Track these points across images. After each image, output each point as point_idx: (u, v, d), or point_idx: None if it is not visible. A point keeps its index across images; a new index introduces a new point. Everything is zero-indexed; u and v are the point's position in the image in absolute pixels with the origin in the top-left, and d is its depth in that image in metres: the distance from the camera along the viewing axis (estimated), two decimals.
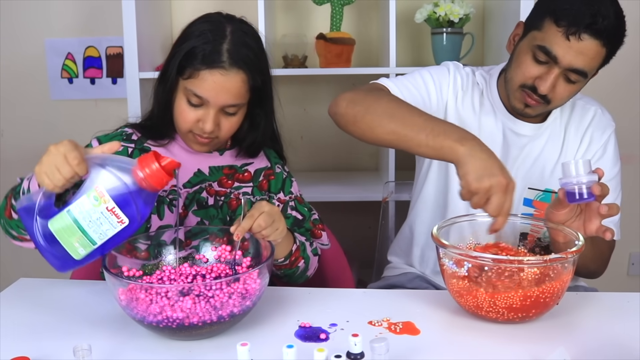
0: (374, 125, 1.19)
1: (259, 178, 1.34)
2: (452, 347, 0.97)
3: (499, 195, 1.03)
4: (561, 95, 1.28)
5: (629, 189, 1.57)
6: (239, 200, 1.29)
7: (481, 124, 1.40)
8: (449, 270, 1.04)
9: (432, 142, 1.11)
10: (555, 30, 1.21)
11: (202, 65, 1.17)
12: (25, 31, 2.46)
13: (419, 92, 1.37)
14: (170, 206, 1.25)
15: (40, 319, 1.03)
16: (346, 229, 1.60)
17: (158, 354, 0.95)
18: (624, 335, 1.00)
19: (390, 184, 2.06)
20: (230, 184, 1.31)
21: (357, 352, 0.83)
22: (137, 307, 0.93)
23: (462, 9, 2.08)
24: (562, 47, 1.21)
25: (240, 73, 1.19)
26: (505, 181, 1.04)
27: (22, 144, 2.53)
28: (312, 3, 2.19)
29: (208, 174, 1.29)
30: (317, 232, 1.37)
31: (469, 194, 1.05)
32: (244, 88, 1.20)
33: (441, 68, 1.45)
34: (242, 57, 1.19)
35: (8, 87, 2.50)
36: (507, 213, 1.05)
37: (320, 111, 2.44)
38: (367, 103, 1.22)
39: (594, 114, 1.41)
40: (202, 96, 1.18)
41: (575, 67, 1.22)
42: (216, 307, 0.93)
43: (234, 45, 1.19)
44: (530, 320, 1.04)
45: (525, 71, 1.27)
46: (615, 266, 2.42)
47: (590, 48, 1.20)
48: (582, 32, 1.19)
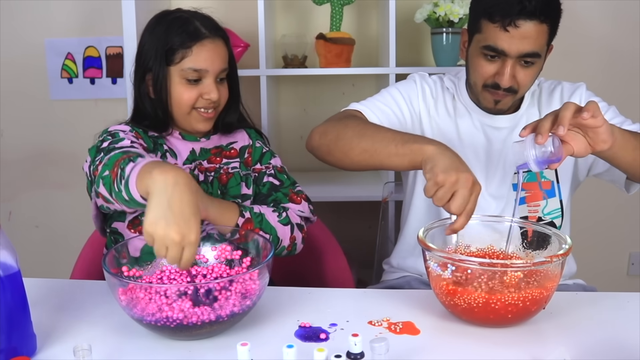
0: (347, 149, 1.23)
1: (244, 155, 1.41)
2: (452, 347, 0.97)
3: (464, 191, 1.03)
4: (524, 80, 1.32)
5: None
6: (229, 174, 1.35)
7: (458, 127, 1.44)
8: (434, 272, 1.04)
9: (402, 149, 1.13)
10: (492, 27, 1.27)
11: (191, 42, 1.28)
12: (25, 31, 2.46)
13: (392, 110, 1.40)
14: None
15: (40, 319, 1.03)
16: (346, 229, 1.60)
17: (158, 354, 0.95)
18: (624, 335, 1.00)
19: (390, 184, 2.06)
20: (219, 161, 1.38)
21: (357, 352, 0.83)
22: (137, 307, 0.93)
23: (462, 9, 2.08)
24: (504, 40, 1.26)
25: (221, 40, 1.32)
26: (472, 178, 1.04)
27: (22, 144, 2.54)
28: (312, 3, 2.19)
29: (198, 154, 1.37)
30: (295, 197, 1.34)
31: (435, 187, 1.05)
32: (226, 51, 1.33)
33: (408, 82, 1.48)
34: (214, 27, 1.32)
35: (8, 87, 2.50)
36: (469, 214, 1.05)
37: (320, 111, 2.44)
38: (337, 131, 1.26)
39: (561, 88, 1.45)
40: (201, 68, 1.28)
41: (525, 52, 1.27)
42: (215, 308, 0.93)
43: (201, 20, 1.31)
44: (515, 324, 1.03)
45: (482, 72, 1.32)
46: (615, 266, 2.43)
47: (530, 30, 1.25)
48: (516, 19, 1.24)
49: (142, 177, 0.97)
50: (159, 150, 1.32)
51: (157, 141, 1.33)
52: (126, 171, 1.01)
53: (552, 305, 1.07)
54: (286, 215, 1.29)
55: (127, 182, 0.99)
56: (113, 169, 1.05)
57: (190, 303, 0.92)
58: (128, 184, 0.99)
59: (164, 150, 1.33)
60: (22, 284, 0.91)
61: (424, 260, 1.06)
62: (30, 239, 2.62)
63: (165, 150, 1.33)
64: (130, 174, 1.00)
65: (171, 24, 1.30)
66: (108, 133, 1.26)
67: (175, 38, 1.28)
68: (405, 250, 1.52)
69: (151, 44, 1.31)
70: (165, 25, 1.30)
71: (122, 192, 1.02)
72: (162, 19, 1.33)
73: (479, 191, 1.06)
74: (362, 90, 2.44)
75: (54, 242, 2.63)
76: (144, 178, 0.96)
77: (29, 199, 2.62)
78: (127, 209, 1.10)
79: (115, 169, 1.04)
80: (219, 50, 1.30)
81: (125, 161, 1.04)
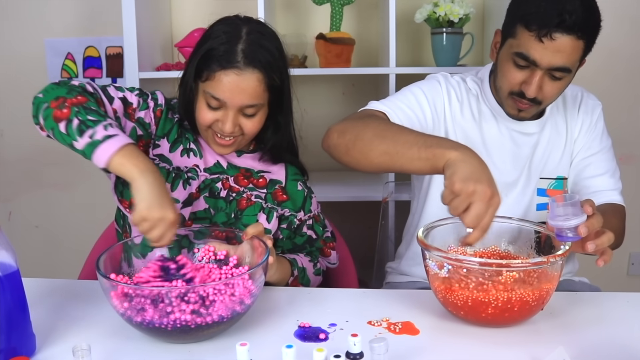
0: (366, 151, 1.17)
1: (274, 187, 1.33)
2: (452, 347, 0.97)
3: (480, 205, 0.97)
4: (550, 93, 1.29)
5: (629, 189, 1.57)
6: (250, 201, 1.30)
7: (483, 131, 1.40)
8: (432, 271, 1.04)
9: (425, 153, 1.07)
10: (527, 35, 1.23)
11: (217, 66, 1.17)
12: (25, 31, 2.46)
13: (414, 112, 1.35)
14: (186, 183, 1.26)
15: (39, 318, 1.03)
16: (346, 229, 1.60)
17: (157, 354, 0.95)
18: (624, 335, 1.00)
19: (390, 184, 2.06)
20: (246, 184, 1.31)
21: (357, 352, 0.83)
22: (132, 313, 0.93)
23: (462, 9, 2.08)
24: (537, 50, 1.23)
25: (256, 72, 1.19)
26: (490, 192, 0.98)
27: (22, 144, 2.54)
28: (312, 3, 2.19)
29: (226, 167, 1.31)
30: (327, 250, 1.39)
31: (451, 195, 0.99)
32: (260, 88, 1.20)
33: (431, 82, 1.42)
34: (257, 57, 1.19)
35: (8, 87, 2.50)
36: (485, 228, 0.98)
37: (320, 111, 2.43)
38: (357, 130, 1.20)
39: (581, 98, 1.46)
40: (219, 98, 1.18)
41: (557, 66, 1.24)
42: (209, 312, 0.93)
43: (249, 46, 1.19)
44: (513, 324, 1.02)
45: (510, 79, 1.29)
46: (615, 266, 2.42)
47: (565, 45, 1.22)
48: (553, 32, 1.21)
49: (122, 158, 1.02)
50: (181, 144, 1.28)
51: (184, 134, 1.29)
52: (97, 132, 1.03)
53: (552, 305, 1.07)
54: (319, 267, 1.35)
55: (94, 144, 1.02)
56: (62, 109, 1.06)
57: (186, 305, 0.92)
58: (95, 147, 1.02)
59: (188, 145, 1.28)
60: (21, 284, 0.91)
61: (423, 259, 1.06)
62: (30, 239, 2.62)
63: (189, 147, 1.28)
64: (104, 143, 1.02)
65: (214, 36, 1.21)
66: (144, 92, 1.26)
67: (211, 55, 1.19)
68: (412, 258, 1.49)
69: (196, 49, 1.23)
70: (212, 35, 1.22)
71: (72, 141, 1.04)
72: (219, 25, 1.24)
73: (497, 205, 0.99)
74: (362, 90, 2.44)
75: (54, 242, 2.63)
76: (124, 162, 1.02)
77: (29, 199, 2.62)
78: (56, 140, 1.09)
79: (65, 110, 1.06)
80: (244, 85, 1.18)
81: (88, 114, 1.05)
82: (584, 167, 1.43)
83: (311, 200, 1.37)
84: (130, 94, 1.23)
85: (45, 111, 1.08)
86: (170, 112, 1.29)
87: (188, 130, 1.30)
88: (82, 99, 1.09)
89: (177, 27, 2.43)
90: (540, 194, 1.42)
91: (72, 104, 1.07)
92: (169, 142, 1.28)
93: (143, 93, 1.26)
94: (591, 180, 1.40)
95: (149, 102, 1.25)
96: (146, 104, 1.25)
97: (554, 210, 1.04)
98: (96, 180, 2.53)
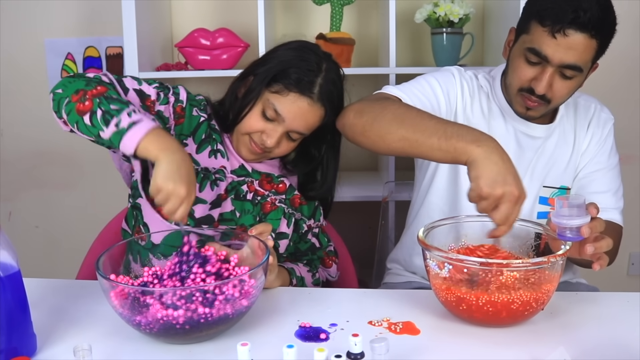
0: (383, 133, 1.16)
1: (293, 192, 1.36)
2: (452, 347, 0.97)
3: (508, 205, 1.00)
4: (560, 92, 1.28)
5: (629, 189, 1.57)
6: (274, 205, 1.32)
7: (491, 128, 1.40)
8: (433, 271, 1.04)
9: (445, 144, 1.07)
10: (541, 30, 1.23)
11: (295, 87, 1.22)
12: (25, 31, 2.46)
13: (428, 99, 1.35)
14: (213, 184, 1.27)
15: (40, 318, 1.03)
16: (346, 229, 1.60)
17: (158, 354, 0.95)
18: (624, 335, 1.00)
19: (390, 184, 2.06)
20: (269, 188, 1.34)
21: (357, 352, 0.83)
22: (132, 313, 0.93)
23: (462, 9, 2.08)
24: (550, 45, 1.23)
25: (322, 109, 1.25)
26: (517, 192, 1.01)
27: (22, 144, 2.54)
28: (312, 3, 2.19)
29: (250, 171, 1.32)
30: (328, 261, 1.41)
31: (478, 198, 1.03)
32: (318, 123, 1.27)
33: (445, 74, 1.43)
34: (328, 95, 1.25)
35: (8, 87, 2.50)
36: (512, 223, 1.03)
37: None
38: (375, 112, 1.20)
39: (594, 111, 1.44)
40: (281, 114, 1.23)
41: (568, 63, 1.24)
42: (209, 312, 0.93)
43: (325, 82, 1.25)
44: (513, 324, 1.03)
45: (521, 74, 1.29)
46: (615, 266, 2.42)
47: (578, 42, 1.22)
48: (567, 28, 1.21)
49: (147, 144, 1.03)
50: (209, 145, 1.29)
51: (212, 135, 1.30)
52: (122, 120, 1.04)
53: (552, 305, 1.08)
54: (318, 277, 1.36)
55: (122, 133, 1.03)
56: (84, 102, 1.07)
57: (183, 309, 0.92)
58: (122, 135, 1.03)
59: (216, 146, 1.29)
60: (22, 284, 0.91)
61: (423, 259, 1.06)
62: (30, 239, 2.62)
63: (216, 149, 1.29)
64: (130, 130, 1.03)
65: (303, 60, 1.25)
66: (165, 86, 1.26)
67: (292, 73, 1.23)
68: (411, 247, 1.50)
69: (277, 59, 1.26)
70: (300, 56, 1.26)
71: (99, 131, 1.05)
72: (306, 50, 1.28)
73: (523, 201, 1.02)
74: (362, 90, 2.44)
75: (54, 242, 2.63)
76: (149, 146, 1.03)
77: (29, 199, 2.62)
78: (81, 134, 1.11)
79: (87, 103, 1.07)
80: (309, 115, 1.24)
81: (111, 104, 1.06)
82: (588, 182, 1.41)
83: (320, 211, 1.40)
84: (148, 87, 1.23)
85: (68, 106, 1.09)
86: (196, 109, 1.29)
87: (215, 131, 1.31)
88: (102, 89, 1.09)
89: (177, 27, 2.42)
90: (542, 202, 1.41)
91: (93, 96, 1.07)
92: (196, 142, 1.28)
93: (164, 87, 1.26)
94: (593, 196, 1.37)
95: (170, 97, 1.25)
96: (166, 99, 1.25)
97: (559, 209, 1.04)
98: (96, 181, 2.54)
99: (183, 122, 1.27)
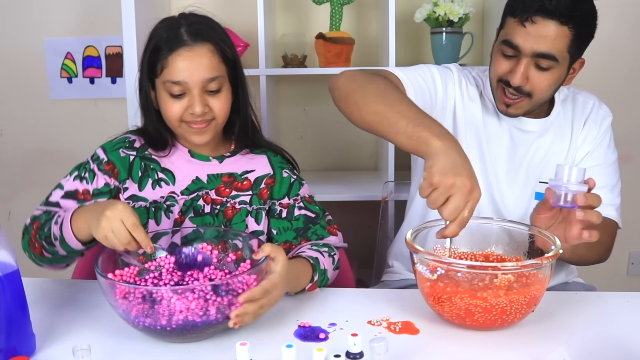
0: (361, 103, 1.16)
1: (259, 186, 1.31)
2: (451, 347, 0.97)
3: (459, 197, 0.96)
4: (539, 85, 1.28)
5: (629, 189, 1.57)
6: (235, 209, 1.28)
7: (486, 124, 1.41)
8: (422, 275, 1.02)
9: (411, 130, 1.05)
10: (512, 22, 1.26)
11: (167, 51, 1.19)
12: (25, 31, 2.45)
13: (427, 84, 1.36)
14: (167, 212, 1.25)
15: (39, 318, 1.03)
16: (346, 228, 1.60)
17: (157, 354, 0.95)
18: (623, 335, 1.00)
19: (389, 183, 2.06)
20: (228, 193, 1.29)
21: (357, 351, 0.83)
22: (132, 312, 0.93)
23: (461, 9, 2.08)
24: (520, 35, 1.24)
25: (206, 44, 1.21)
26: (469, 184, 0.97)
27: (22, 144, 2.53)
28: (311, 3, 2.19)
29: (206, 181, 1.29)
30: (333, 230, 1.33)
31: (429, 188, 0.98)
32: (214, 59, 1.21)
33: (445, 69, 1.44)
34: (202, 32, 1.21)
35: (7, 87, 2.50)
36: (463, 222, 0.98)
37: (320, 111, 2.43)
38: (363, 82, 1.20)
39: (591, 107, 1.44)
40: (179, 80, 1.19)
41: (540, 52, 1.24)
42: (209, 311, 0.93)
43: (190, 26, 1.22)
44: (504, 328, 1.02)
45: (497, 67, 1.31)
46: (615, 266, 2.43)
47: (547, 29, 1.23)
48: (533, 15, 1.22)
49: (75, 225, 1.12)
50: (149, 177, 1.27)
51: (148, 165, 1.27)
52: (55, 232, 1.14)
53: (552, 305, 1.08)
54: (338, 260, 1.26)
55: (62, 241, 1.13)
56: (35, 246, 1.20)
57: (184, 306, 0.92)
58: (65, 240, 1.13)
59: (156, 176, 1.27)
60: (21, 284, 0.91)
61: (412, 263, 1.06)
62: None
63: (158, 178, 1.27)
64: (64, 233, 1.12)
65: (157, 33, 1.23)
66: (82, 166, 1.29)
67: (158, 48, 1.21)
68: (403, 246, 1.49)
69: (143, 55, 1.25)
70: (152, 33, 1.24)
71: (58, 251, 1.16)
72: (154, 28, 1.26)
73: (477, 198, 0.98)
74: None
75: None
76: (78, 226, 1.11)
77: (29, 199, 2.61)
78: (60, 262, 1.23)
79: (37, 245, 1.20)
80: (198, 59, 1.19)
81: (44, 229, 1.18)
82: None
83: (300, 185, 1.34)
84: (70, 184, 1.27)
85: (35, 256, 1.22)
86: (122, 151, 1.27)
87: (151, 161, 1.28)
88: (36, 226, 1.20)
89: None
90: (539, 197, 1.40)
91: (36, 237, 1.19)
92: (135, 181, 1.27)
93: (81, 168, 1.28)
94: None
95: (93, 169, 1.26)
96: (92, 174, 1.26)
97: (558, 173, 1.05)
98: None
99: (117, 170, 1.26)
